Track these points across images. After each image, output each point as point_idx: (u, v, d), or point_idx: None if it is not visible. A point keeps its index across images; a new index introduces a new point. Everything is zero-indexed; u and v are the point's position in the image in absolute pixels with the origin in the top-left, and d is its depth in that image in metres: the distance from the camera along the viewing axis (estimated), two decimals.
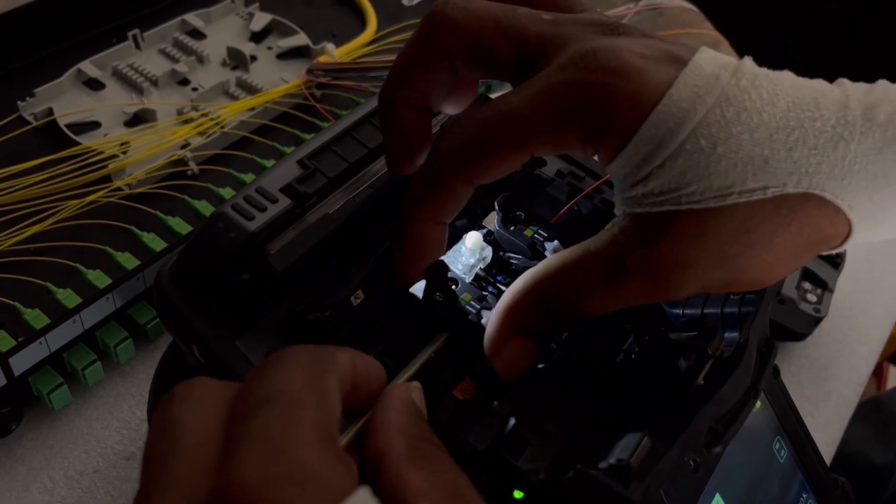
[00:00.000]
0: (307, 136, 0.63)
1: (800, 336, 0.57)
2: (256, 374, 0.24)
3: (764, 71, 0.29)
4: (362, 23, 0.75)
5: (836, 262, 0.58)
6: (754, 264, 0.29)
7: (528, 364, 0.32)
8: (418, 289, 0.35)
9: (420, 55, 0.32)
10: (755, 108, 0.28)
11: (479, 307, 0.36)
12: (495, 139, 0.30)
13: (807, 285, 0.56)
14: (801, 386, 0.58)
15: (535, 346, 0.32)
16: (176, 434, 0.23)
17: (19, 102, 0.61)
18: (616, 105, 0.28)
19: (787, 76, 0.29)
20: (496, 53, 0.31)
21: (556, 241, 0.38)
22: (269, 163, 0.60)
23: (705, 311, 0.36)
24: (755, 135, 0.28)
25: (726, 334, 0.35)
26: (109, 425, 0.49)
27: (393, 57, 0.68)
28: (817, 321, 0.56)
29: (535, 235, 0.38)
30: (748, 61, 0.29)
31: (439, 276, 0.34)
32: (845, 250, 0.58)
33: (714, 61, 0.28)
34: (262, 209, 0.34)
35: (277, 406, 0.23)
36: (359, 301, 0.35)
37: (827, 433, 0.56)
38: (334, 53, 0.69)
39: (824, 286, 0.57)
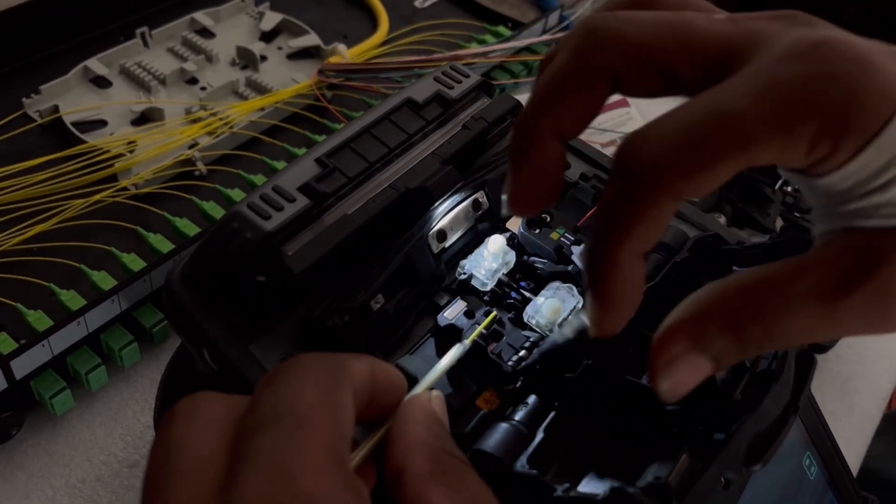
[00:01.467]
0: (318, 138, 0.61)
1: (822, 349, 0.56)
2: (265, 387, 0.23)
3: None
4: (374, 24, 0.74)
5: None
6: None
7: (694, 386, 0.27)
8: (446, 317, 0.34)
9: (580, 77, 0.27)
10: None
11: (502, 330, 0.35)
12: (713, 146, 0.24)
13: None
14: (824, 400, 0.56)
15: (712, 369, 0.26)
16: (177, 455, 0.22)
17: (24, 99, 0.60)
18: (867, 99, 0.24)
19: None
20: (676, 66, 0.26)
21: (583, 245, 0.37)
22: (279, 164, 0.59)
23: None
24: None
25: None
26: (113, 432, 0.48)
27: (405, 58, 0.67)
28: None
29: (562, 239, 0.37)
30: None
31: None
32: None
33: None
34: (279, 208, 0.32)
35: (285, 426, 0.21)
36: (379, 306, 0.33)
37: (851, 449, 0.54)
38: (345, 54, 0.68)
39: None
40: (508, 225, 0.38)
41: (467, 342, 0.32)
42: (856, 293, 0.25)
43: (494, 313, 0.34)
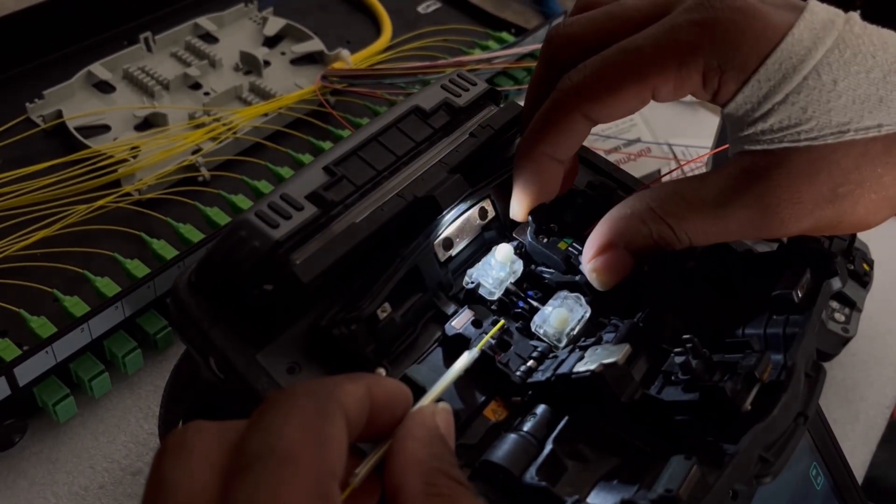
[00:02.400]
0: (322, 143, 0.61)
1: (827, 357, 0.55)
2: (254, 423, 0.23)
3: (869, 24, 0.31)
4: (377, 29, 0.74)
5: (864, 280, 0.56)
6: (863, 203, 0.30)
7: (623, 276, 0.33)
8: (453, 327, 0.34)
9: (548, 81, 0.34)
10: (868, 52, 0.30)
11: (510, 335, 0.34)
12: (617, 72, 0.31)
13: (835, 304, 0.55)
14: (829, 408, 0.56)
15: (633, 261, 0.33)
16: (171, 492, 0.22)
17: (28, 104, 0.59)
18: (743, 40, 0.30)
19: (889, 31, 0.31)
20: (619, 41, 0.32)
21: None
22: (283, 169, 0.59)
23: (746, 332, 0.34)
24: (871, 75, 0.30)
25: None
26: (116, 439, 0.48)
27: (409, 64, 0.67)
28: (845, 341, 0.54)
29: (570, 248, 0.36)
30: (856, 14, 0.31)
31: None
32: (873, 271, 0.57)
33: (826, 10, 0.31)
34: (287, 217, 0.32)
35: (270, 466, 0.21)
36: (386, 315, 0.33)
37: (856, 457, 0.54)
38: (349, 60, 0.68)
39: (853, 305, 0.55)
40: (515, 233, 0.38)
41: (476, 351, 0.32)
42: (737, 201, 0.31)
43: (502, 322, 0.34)
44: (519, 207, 0.36)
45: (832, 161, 0.30)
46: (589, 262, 0.34)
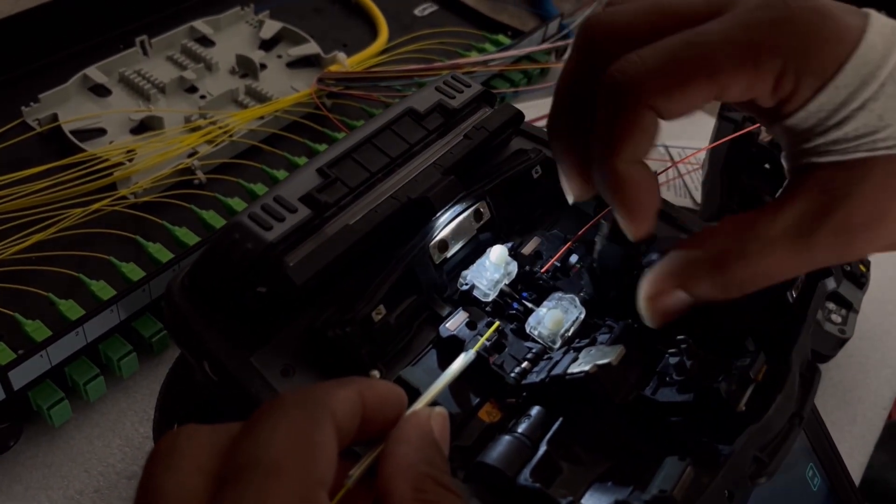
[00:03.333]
0: (318, 146, 0.61)
1: (824, 358, 0.55)
2: (244, 433, 0.23)
3: None
4: (373, 32, 0.74)
5: (861, 282, 0.56)
6: None
7: (677, 317, 0.30)
8: (448, 328, 0.34)
9: (584, 70, 0.31)
10: None
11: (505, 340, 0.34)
12: (686, 66, 0.28)
13: (831, 306, 0.55)
14: (826, 410, 0.56)
15: (692, 303, 0.30)
16: (158, 500, 0.22)
17: (23, 108, 0.59)
18: (823, 43, 0.28)
19: None
20: (666, 35, 0.29)
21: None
22: (278, 172, 0.59)
23: (740, 332, 0.34)
24: None
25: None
26: (111, 443, 0.48)
27: (405, 67, 0.67)
28: (842, 342, 0.54)
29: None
30: None
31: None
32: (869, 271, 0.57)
33: (886, 17, 0.29)
34: (281, 219, 0.32)
35: (257, 476, 0.22)
36: (380, 317, 0.33)
37: (853, 458, 0.54)
38: (345, 63, 0.68)
39: (849, 307, 0.55)
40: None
41: (472, 353, 0.32)
42: (823, 229, 0.28)
43: (498, 323, 0.34)
44: (637, 228, 0.30)
45: None
46: (647, 301, 0.31)
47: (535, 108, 0.71)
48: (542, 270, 0.37)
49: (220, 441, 0.23)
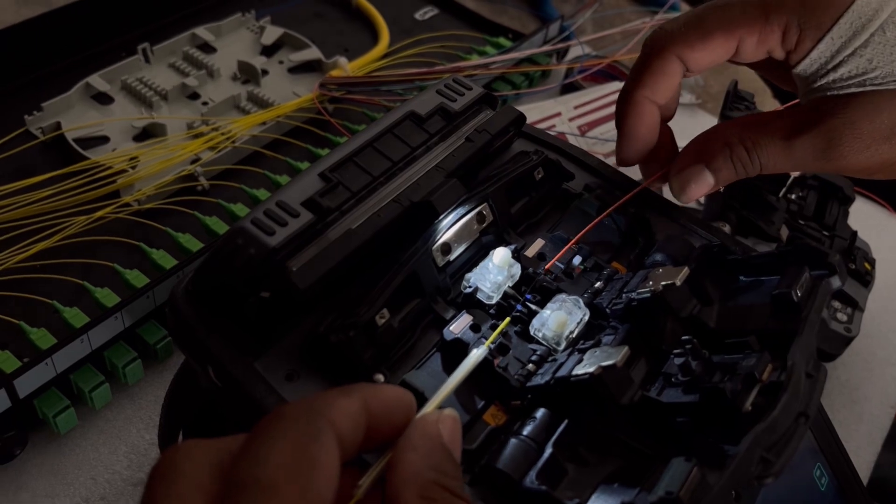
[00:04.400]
0: (320, 151, 0.61)
1: (830, 357, 0.55)
2: (242, 449, 0.23)
3: None
4: (374, 37, 0.74)
5: (866, 280, 0.56)
6: None
7: (701, 193, 0.39)
8: (452, 331, 0.34)
9: (651, 55, 0.39)
10: None
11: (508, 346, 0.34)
12: (708, 22, 0.37)
13: (837, 304, 0.54)
14: (832, 409, 0.56)
15: (714, 182, 0.38)
16: None
17: (26, 116, 0.60)
18: (820, 2, 0.36)
19: None
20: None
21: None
22: (281, 178, 0.59)
23: (745, 332, 0.34)
24: None
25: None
26: (117, 450, 0.48)
27: (407, 71, 0.67)
28: (848, 341, 0.54)
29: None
30: None
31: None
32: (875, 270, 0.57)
33: None
34: (283, 224, 0.32)
35: (251, 497, 0.21)
36: (384, 321, 0.33)
37: (860, 457, 0.54)
38: (347, 68, 0.68)
39: (854, 305, 0.55)
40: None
41: (484, 349, 0.32)
42: (806, 134, 0.37)
43: (508, 319, 0.34)
44: (624, 151, 0.40)
45: (892, 104, 0.35)
46: (675, 175, 0.39)
47: (537, 111, 0.71)
48: (545, 268, 0.37)
49: (220, 458, 0.23)
